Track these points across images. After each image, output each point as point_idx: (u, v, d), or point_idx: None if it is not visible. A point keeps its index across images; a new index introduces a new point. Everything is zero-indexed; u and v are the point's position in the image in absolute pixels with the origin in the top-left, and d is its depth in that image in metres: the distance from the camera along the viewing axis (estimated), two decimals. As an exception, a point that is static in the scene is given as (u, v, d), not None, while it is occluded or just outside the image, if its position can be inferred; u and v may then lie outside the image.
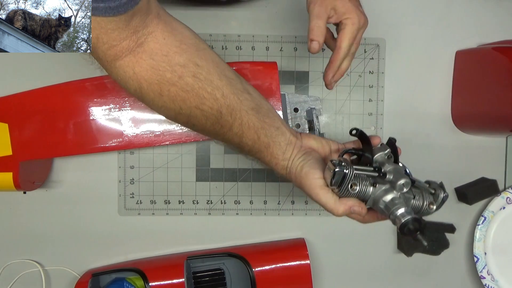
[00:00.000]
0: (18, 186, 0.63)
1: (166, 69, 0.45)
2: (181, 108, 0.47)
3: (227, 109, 0.48)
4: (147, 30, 0.44)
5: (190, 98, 0.46)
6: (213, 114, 0.48)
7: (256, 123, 0.50)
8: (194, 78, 0.46)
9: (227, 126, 0.49)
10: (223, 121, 0.48)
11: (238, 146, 0.51)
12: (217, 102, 0.47)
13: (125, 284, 0.67)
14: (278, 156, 0.51)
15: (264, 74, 0.63)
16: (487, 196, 0.73)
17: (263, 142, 0.51)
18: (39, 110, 0.64)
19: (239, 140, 0.50)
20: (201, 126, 0.49)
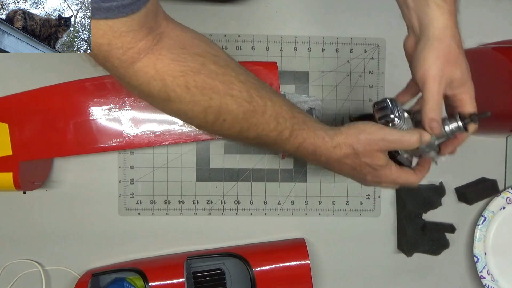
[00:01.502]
0: (18, 186, 0.63)
1: (188, 59, 0.43)
2: (211, 99, 0.43)
3: (255, 90, 0.45)
4: (160, 30, 0.43)
5: (218, 86, 0.44)
6: (244, 98, 0.44)
7: (285, 101, 0.47)
8: (216, 65, 0.44)
9: (260, 109, 0.45)
10: (255, 104, 0.45)
11: (275, 132, 0.47)
12: (244, 85, 0.45)
13: (125, 284, 0.67)
14: (320, 127, 0.48)
15: (264, 74, 0.63)
16: (487, 196, 0.73)
17: (300, 118, 0.47)
18: (39, 110, 0.64)
19: (275, 123, 0.46)
20: (233, 118, 0.45)
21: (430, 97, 0.47)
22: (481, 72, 0.66)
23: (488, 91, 0.66)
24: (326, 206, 0.73)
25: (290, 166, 0.72)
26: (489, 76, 0.66)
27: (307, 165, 0.72)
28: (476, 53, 0.69)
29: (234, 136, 0.47)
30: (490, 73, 0.65)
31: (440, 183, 0.72)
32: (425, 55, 0.47)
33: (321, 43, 0.71)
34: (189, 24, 0.70)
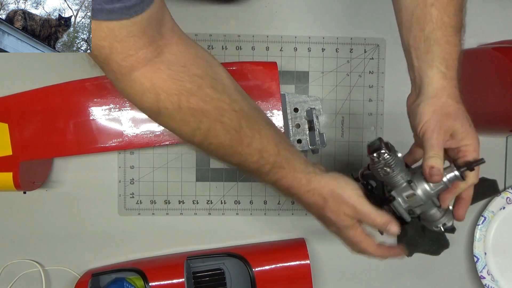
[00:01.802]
0: (18, 186, 0.63)
1: (185, 79, 0.43)
2: (201, 122, 0.44)
3: (246, 121, 0.46)
4: (162, 42, 0.43)
5: (210, 110, 0.44)
6: (233, 127, 0.46)
7: (275, 136, 0.48)
8: (213, 89, 0.45)
9: (247, 140, 0.47)
10: (243, 134, 0.46)
11: (256, 164, 0.48)
12: (236, 114, 0.46)
13: (125, 284, 0.67)
14: (301, 169, 0.49)
15: (264, 74, 0.63)
16: (487, 196, 0.72)
17: (284, 156, 0.48)
18: (39, 110, 0.64)
19: (259, 156, 0.47)
20: (219, 143, 0.46)
21: (429, 146, 0.47)
22: (481, 72, 0.67)
23: (488, 91, 0.66)
24: (326, 206, 0.73)
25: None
26: (489, 76, 0.66)
27: (307, 165, 0.72)
28: (476, 53, 0.69)
29: (217, 157, 0.49)
30: (490, 73, 0.65)
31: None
32: (421, 110, 0.48)
33: (321, 43, 0.71)
34: (189, 24, 0.70)
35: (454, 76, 0.48)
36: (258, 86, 0.63)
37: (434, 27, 0.47)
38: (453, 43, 0.47)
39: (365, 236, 0.52)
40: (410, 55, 0.50)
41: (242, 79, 0.63)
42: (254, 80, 0.63)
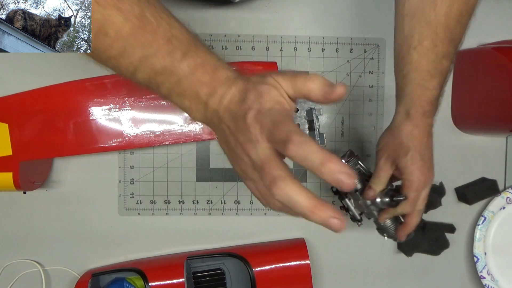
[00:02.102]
0: (18, 186, 0.63)
1: None
2: (93, 11, 0.37)
3: (153, 11, 0.39)
4: None
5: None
6: (134, 14, 0.38)
7: (188, 31, 0.41)
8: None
9: (150, 28, 0.39)
10: (146, 22, 0.38)
11: (165, 48, 0.39)
12: (139, 2, 0.38)
13: (125, 284, 0.67)
14: (223, 64, 0.40)
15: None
16: (487, 196, 0.73)
17: (200, 46, 0.40)
18: (39, 110, 0.64)
19: (167, 44, 0.39)
20: (117, 33, 0.38)
21: (376, 170, 0.55)
22: (481, 72, 0.67)
23: (488, 91, 0.66)
24: (326, 206, 0.73)
25: (290, 166, 0.72)
26: (489, 76, 0.66)
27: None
28: (476, 53, 0.69)
29: (115, 56, 0.40)
30: (490, 73, 0.65)
31: (440, 183, 0.72)
32: (382, 136, 0.56)
33: (321, 43, 0.71)
34: (188, 23, 0.70)
35: (418, 117, 0.51)
36: None
37: (411, 69, 0.50)
38: (426, 87, 0.50)
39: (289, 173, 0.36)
40: (396, 86, 0.55)
41: None
42: None
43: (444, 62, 0.49)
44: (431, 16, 0.47)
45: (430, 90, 0.50)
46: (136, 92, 0.64)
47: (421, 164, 0.53)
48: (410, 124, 0.52)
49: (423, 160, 0.52)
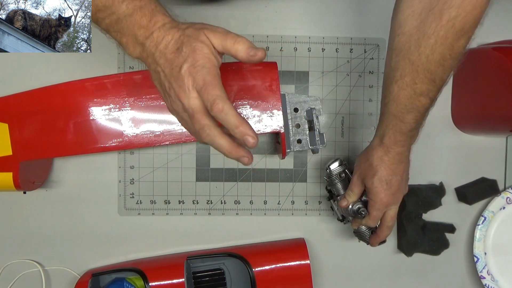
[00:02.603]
0: (18, 186, 0.63)
1: None
2: None
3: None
4: None
5: None
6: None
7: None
8: None
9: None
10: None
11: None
12: None
13: (125, 284, 0.67)
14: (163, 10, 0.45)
15: (264, 74, 0.63)
16: (487, 196, 0.73)
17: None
18: (39, 110, 0.64)
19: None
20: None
21: (350, 183, 0.62)
22: (481, 72, 0.67)
23: (488, 91, 0.66)
24: (326, 206, 0.73)
25: (290, 166, 0.72)
26: (489, 76, 0.66)
27: (307, 165, 0.72)
28: (476, 53, 0.69)
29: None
30: (490, 73, 0.65)
31: (440, 183, 0.73)
32: (359, 155, 0.62)
33: (321, 43, 0.71)
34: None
35: (390, 145, 0.56)
36: (258, 86, 0.63)
37: (391, 99, 0.53)
38: (401, 119, 0.53)
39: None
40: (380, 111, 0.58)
41: (242, 79, 0.63)
42: (254, 80, 0.63)
43: (421, 99, 0.51)
44: (415, 56, 0.49)
45: (405, 123, 0.53)
46: (136, 92, 0.64)
47: (386, 188, 0.58)
48: (381, 150, 0.57)
49: (388, 184, 0.58)
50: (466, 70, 0.70)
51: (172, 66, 0.44)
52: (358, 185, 0.61)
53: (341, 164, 0.64)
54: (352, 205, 0.62)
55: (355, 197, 0.62)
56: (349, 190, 0.62)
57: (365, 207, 0.62)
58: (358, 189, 0.61)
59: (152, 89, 0.64)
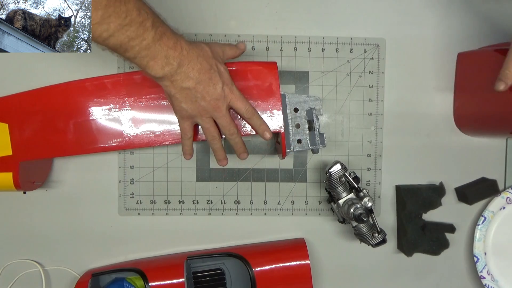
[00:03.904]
0: (18, 186, 0.63)
1: None
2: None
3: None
4: None
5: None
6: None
7: (147, 4, 0.51)
8: None
9: (123, 0, 0.47)
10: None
11: (138, 19, 0.49)
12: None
13: (125, 284, 0.67)
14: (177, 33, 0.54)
15: (264, 74, 0.63)
16: (487, 196, 0.73)
17: (160, 18, 0.52)
18: (39, 110, 0.64)
19: (137, 12, 0.48)
20: (96, 3, 0.45)
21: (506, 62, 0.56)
22: (483, 74, 0.66)
23: (489, 93, 0.66)
24: (326, 206, 0.73)
25: (290, 166, 0.72)
26: (491, 78, 0.65)
27: (307, 165, 0.72)
28: (478, 54, 0.69)
29: (94, 23, 0.46)
30: (491, 75, 0.65)
31: (440, 183, 0.73)
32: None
33: (321, 43, 0.71)
34: (189, 24, 0.70)
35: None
36: (258, 86, 0.63)
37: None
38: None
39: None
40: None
41: (242, 79, 0.63)
42: (254, 80, 0.63)
43: None
44: None
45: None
46: (136, 92, 0.64)
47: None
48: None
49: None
50: (468, 71, 0.70)
51: (208, 85, 0.56)
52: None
53: (341, 168, 0.64)
54: (353, 210, 0.62)
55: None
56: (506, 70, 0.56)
57: (366, 213, 0.62)
58: None
59: (152, 89, 0.64)
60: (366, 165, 0.73)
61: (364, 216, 0.61)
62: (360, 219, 0.62)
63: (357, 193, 0.64)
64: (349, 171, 0.65)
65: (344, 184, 0.65)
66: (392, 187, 0.73)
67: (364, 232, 0.64)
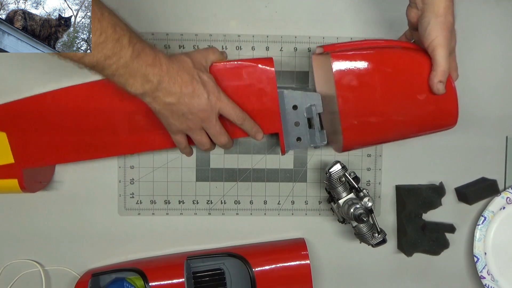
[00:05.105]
0: (25, 189, 0.64)
1: None
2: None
3: (95, 3, 0.46)
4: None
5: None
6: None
7: (122, 20, 0.50)
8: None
9: (96, 17, 0.46)
10: (92, 12, 0.45)
11: (114, 36, 0.47)
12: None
13: (125, 284, 0.67)
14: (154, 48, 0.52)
15: (260, 71, 0.61)
16: (487, 196, 0.73)
17: (136, 33, 0.51)
18: (37, 117, 0.62)
19: (112, 29, 0.47)
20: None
21: (441, 61, 0.54)
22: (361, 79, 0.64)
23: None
24: (326, 206, 0.73)
25: (290, 166, 0.72)
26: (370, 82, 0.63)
27: (307, 165, 0.72)
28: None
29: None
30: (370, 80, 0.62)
31: (440, 183, 0.73)
32: (432, 27, 0.54)
33: (321, 43, 0.71)
34: (189, 23, 0.70)
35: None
36: (254, 84, 0.62)
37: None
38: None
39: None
40: None
41: (236, 77, 0.61)
42: (249, 78, 0.61)
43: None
44: None
45: None
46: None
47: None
48: (452, 4, 0.55)
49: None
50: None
51: (193, 97, 0.54)
52: (447, 58, 0.56)
53: (341, 168, 0.64)
54: (353, 210, 0.62)
55: (448, 72, 0.56)
56: (445, 70, 0.55)
57: (366, 213, 0.62)
58: (448, 63, 0.56)
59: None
60: (366, 165, 0.73)
61: (364, 216, 0.61)
62: (360, 219, 0.62)
63: (357, 193, 0.64)
64: (349, 171, 0.65)
65: (344, 184, 0.65)
66: (392, 187, 0.73)
67: (364, 232, 0.64)
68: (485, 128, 0.73)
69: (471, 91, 0.72)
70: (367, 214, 0.62)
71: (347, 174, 0.65)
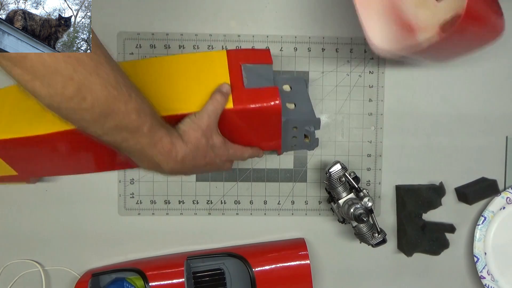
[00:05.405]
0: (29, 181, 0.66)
1: None
2: (75, 71, 0.40)
3: (122, 79, 0.45)
4: None
5: (85, 60, 0.41)
6: (110, 82, 0.42)
7: (148, 100, 0.49)
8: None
9: (124, 99, 0.44)
10: (120, 92, 0.44)
11: (135, 123, 0.46)
12: (112, 70, 0.43)
13: (125, 284, 0.67)
14: (172, 130, 0.52)
15: (265, 109, 0.58)
16: (487, 196, 0.73)
17: (159, 118, 0.50)
18: (26, 141, 0.57)
19: (137, 115, 0.46)
20: (95, 99, 0.42)
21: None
22: None
23: None
24: (326, 206, 0.73)
25: (290, 166, 0.72)
26: None
27: (307, 165, 0.72)
28: None
29: (90, 120, 0.44)
30: None
31: (440, 183, 0.73)
32: None
33: (321, 43, 0.71)
34: (189, 24, 0.70)
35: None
36: (260, 121, 0.60)
37: None
38: None
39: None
40: None
41: (245, 120, 0.59)
42: (257, 119, 0.59)
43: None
44: None
45: None
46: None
47: None
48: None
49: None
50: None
51: (205, 165, 0.57)
52: None
53: (341, 168, 0.64)
54: (353, 210, 0.62)
55: None
56: None
57: (366, 213, 0.62)
58: None
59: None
60: (366, 165, 0.73)
61: (364, 216, 0.61)
62: (360, 219, 0.62)
63: (357, 193, 0.64)
64: (349, 171, 0.65)
65: (344, 184, 0.65)
66: (392, 187, 0.73)
67: (364, 232, 0.64)
68: (485, 128, 0.73)
69: (471, 91, 0.72)
70: (367, 214, 0.62)
71: (347, 174, 0.65)
